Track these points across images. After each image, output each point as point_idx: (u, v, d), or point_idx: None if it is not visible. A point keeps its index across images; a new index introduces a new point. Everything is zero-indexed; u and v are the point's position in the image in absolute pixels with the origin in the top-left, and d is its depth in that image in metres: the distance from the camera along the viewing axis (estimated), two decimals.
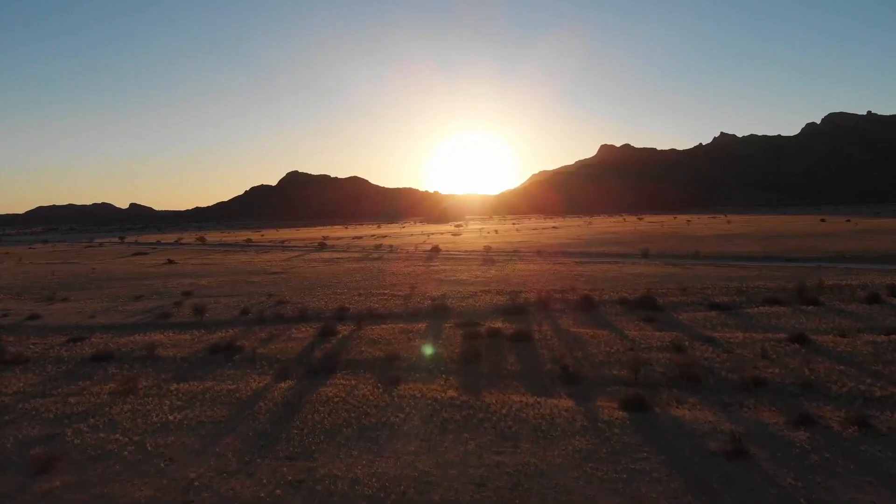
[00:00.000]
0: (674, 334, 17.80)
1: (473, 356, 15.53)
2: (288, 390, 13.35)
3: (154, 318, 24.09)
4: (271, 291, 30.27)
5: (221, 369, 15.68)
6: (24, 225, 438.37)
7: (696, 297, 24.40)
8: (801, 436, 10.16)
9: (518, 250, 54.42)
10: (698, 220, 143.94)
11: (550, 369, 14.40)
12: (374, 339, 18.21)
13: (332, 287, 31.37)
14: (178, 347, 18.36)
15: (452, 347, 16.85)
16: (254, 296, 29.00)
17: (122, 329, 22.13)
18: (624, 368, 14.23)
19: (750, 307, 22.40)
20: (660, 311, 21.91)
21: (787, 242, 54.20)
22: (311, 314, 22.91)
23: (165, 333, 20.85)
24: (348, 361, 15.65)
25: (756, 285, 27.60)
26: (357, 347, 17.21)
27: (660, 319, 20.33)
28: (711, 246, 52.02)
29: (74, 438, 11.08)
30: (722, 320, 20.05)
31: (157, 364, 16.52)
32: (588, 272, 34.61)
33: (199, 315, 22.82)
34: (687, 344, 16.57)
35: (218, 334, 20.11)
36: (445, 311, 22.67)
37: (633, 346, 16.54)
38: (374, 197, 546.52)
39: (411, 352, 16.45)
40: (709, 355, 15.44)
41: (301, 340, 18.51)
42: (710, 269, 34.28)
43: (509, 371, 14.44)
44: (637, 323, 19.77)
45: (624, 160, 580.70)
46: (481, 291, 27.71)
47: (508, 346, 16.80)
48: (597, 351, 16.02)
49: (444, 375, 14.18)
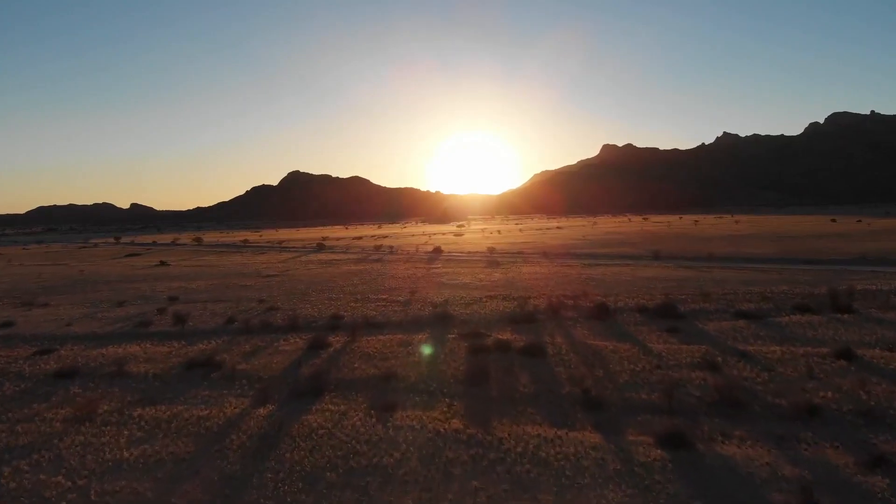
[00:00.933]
0: (703, 348, 15.99)
1: (480, 375, 13.72)
2: (267, 418, 11.55)
3: (133, 326, 22.29)
4: (263, 296, 28.48)
5: (195, 389, 13.88)
6: (25, 225, 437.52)
7: (720, 304, 22.57)
8: (880, 483, 8.37)
9: (523, 251, 52.61)
10: (705, 220, 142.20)
11: (569, 392, 12.58)
12: (368, 353, 16.39)
13: (328, 291, 29.57)
14: (151, 362, 16.56)
15: (456, 363, 15.04)
16: (243, 301, 27.21)
17: (97, 339, 20.35)
18: (654, 391, 12.43)
19: (779, 315, 20.57)
20: (682, 319, 20.09)
21: (801, 243, 52.32)
22: (303, 323, 21.10)
23: (142, 345, 19.06)
24: (339, 381, 13.85)
25: (780, 290, 25.78)
26: (349, 363, 15.40)
27: (684, 330, 18.50)
28: (723, 247, 50.17)
29: (11, 481, 9.28)
30: (752, 331, 18.22)
31: (125, 382, 14.74)
32: (599, 275, 32.78)
33: (180, 324, 21.02)
34: (720, 360, 14.75)
35: (198, 346, 18.32)
36: (448, 320, 20.85)
37: (660, 362, 14.72)
38: (376, 197, 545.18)
39: (410, 369, 14.63)
40: (747, 374, 13.63)
41: (288, 354, 16.70)
42: (728, 273, 32.44)
43: (522, 394, 12.62)
44: (660, 334, 17.95)
45: (626, 160, 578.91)
46: (486, 297, 25.89)
47: (519, 362, 14.98)
48: (620, 369, 14.19)
49: (447, 399, 12.37)
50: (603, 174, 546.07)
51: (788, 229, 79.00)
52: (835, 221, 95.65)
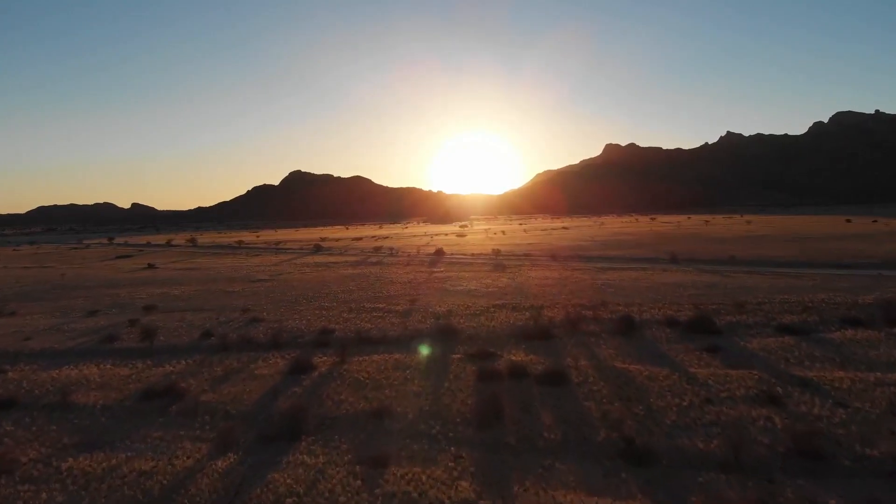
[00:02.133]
0: (755, 374, 13.49)
1: (493, 412, 11.22)
2: (225, 476, 9.08)
3: (98, 341, 19.82)
4: (248, 305, 26.00)
5: (147, 429, 11.42)
6: (26, 225, 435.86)
7: (758, 317, 20.05)
8: None
9: (529, 253, 50.02)
10: (714, 220, 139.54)
11: (606, 439, 10.08)
12: (359, 379, 13.89)
13: (320, 299, 27.08)
14: (104, 389, 14.09)
15: (463, 394, 12.55)
16: (226, 310, 24.73)
17: (54, 357, 17.90)
18: (711, 437, 9.95)
19: (829, 330, 18.08)
20: (720, 335, 17.59)
21: (823, 245, 49.71)
22: (287, 338, 18.61)
23: (102, 365, 16.61)
24: (320, 419, 11.38)
25: (820, 299, 23.26)
26: (335, 394, 12.91)
27: (725, 349, 15.99)
28: (742, 249, 47.57)
29: None
30: (805, 350, 15.70)
31: (67, 417, 12.29)
32: (615, 281, 30.24)
33: (148, 340, 18.53)
34: (780, 391, 12.26)
35: (164, 368, 15.85)
36: (452, 335, 18.36)
37: (709, 394, 12.22)
38: (378, 197, 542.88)
39: (408, 402, 12.14)
40: (819, 412, 11.14)
41: (265, 380, 14.21)
42: (757, 278, 29.89)
43: (547, 441, 10.12)
44: (699, 355, 15.44)
45: (629, 159, 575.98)
46: (494, 306, 23.38)
47: (539, 394, 12.48)
48: (663, 404, 11.69)
49: (452, 448, 9.88)
50: (605, 174, 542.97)
51: (805, 230, 76.29)
52: (850, 222, 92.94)
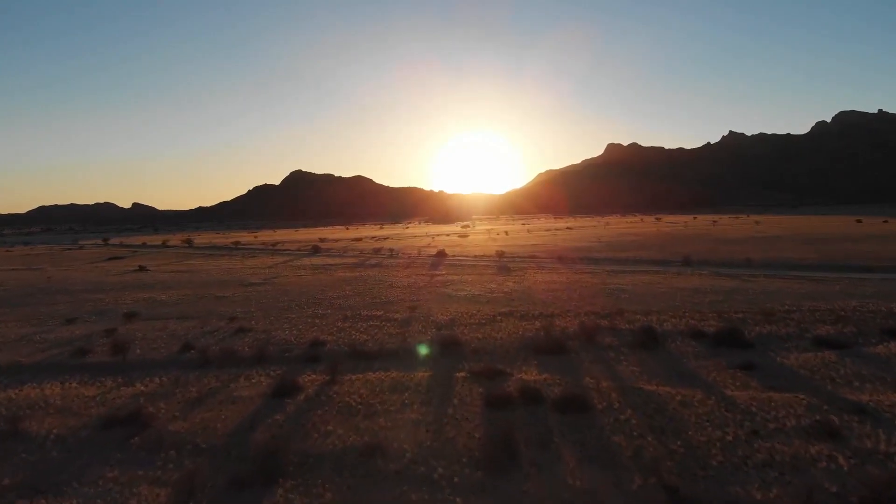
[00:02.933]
0: (801, 399, 11.78)
1: (505, 449, 9.52)
2: None
3: (69, 354, 18.16)
4: (237, 312, 24.32)
5: (101, 467, 9.74)
6: (26, 225, 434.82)
7: (789, 327, 18.36)
8: None
9: (535, 255, 48.29)
10: (721, 220, 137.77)
11: (643, 486, 8.37)
12: (350, 404, 12.19)
13: (314, 305, 25.40)
14: (63, 415, 12.42)
15: (470, 425, 10.84)
16: (213, 318, 23.06)
17: (17, 374, 16.26)
18: (769, 483, 8.25)
19: (870, 343, 16.41)
20: (753, 350, 15.90)
21: (839, 247, 47.94)
22: (274, 352, 16.93)
23: (67, 383, 14.95)
24: (303, 456, 9.68)
25: (851, 307, 21.57)
26: (322, 423, 11.21)
27: (762, 366, 14.29)
28: (755, 251, 45.80)
29: None
30: (850, 368, 14.01)
31: (14, 450, 10.62)
32: (628, 285, 28.53)
33: (120, 354, 16.84)
34: (836, 422, 10.54)
35: (134, 388, 14.17)
36: (456, 348, 16.68)
37: (754, 425, 10.50)
38: (379, 196, 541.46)
39: (405, 434, 10.44)
40: (886, 447, 9.44)
41: (244, 404, 12.52)
42: (779, 283, 28.17)
43: (574, 490, 8.40)
44: (733, 374, 13.75)
45: (631, 159, 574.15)
46: (501, 314, 21.68)
47: (558, 425, 10.77)
48: (703, 437, 9.98)
49: (458, 500, 8.18)
50: (607, 173, 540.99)
51: (817, 231, 74.42)
52: (860, 222, 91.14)
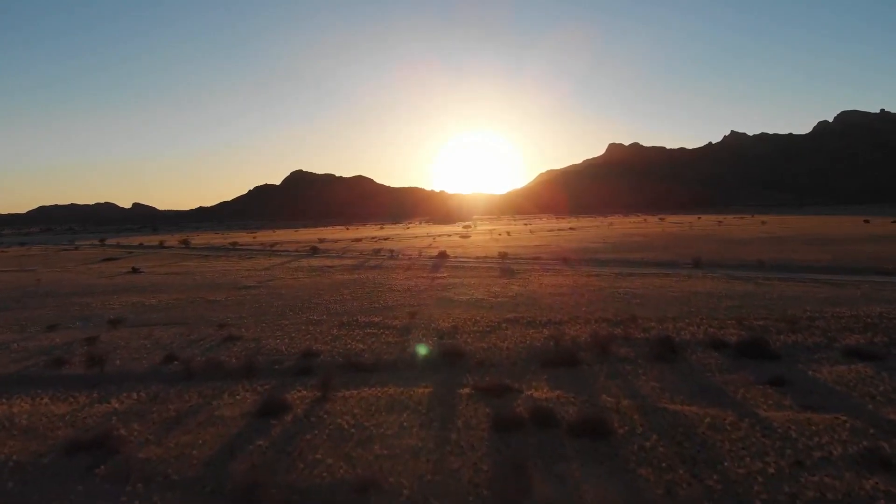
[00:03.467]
0: (843, 421, 10.56)
1: (518, 488, 8.32)
2: None
3: (44, 365, 16.95)
4: (228, 318, 23.12)
5: (60, 501, 8.55)
6: (26, 225, 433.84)
7: (816, 336, 17.13)
8: None
9: (539, 256, 47.03)
10: (726, 220, 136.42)
11: None
12: (342, 427, 10.97)
13: (309, 310, 24.20)
14: (26, 437, 11.23)
15: (476, 453, 9.62)
16: (202, 325, 21.86)
17: None
18: None
19: None
20: (780, 361, 14.69)
21: (852, 249, 46.67)
22: (263, 364, 15.73)
23: (38, 399, 13.76)
24: (286, 491, 8.49)
25: (877, 314, 20.36)
26: (310, 449, 10.00)
27: (792, 381, 13.08)
28: (765, 252, 44.54)
29: None
30: (890, 384, 12.81)
31: None
32: (638, 289, 27.30)
33: (97, 367, 15.64)
34: (887, 449, 9.34)
35: (108, 405, 12.98)
36: (459, 359, 15.47)
37: (795, 453, 9.29)
38: (380, 196, 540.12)
39: (402, 468, 9.21)
40: None
41: (225, 426, 11.30)
42: (795, 287, 26.95)
43: None
44: (763, 390, 12.54)
45: (632, 159, 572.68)
46: (506, 321, 20.46)
47: (576, 453, 9.54)
48: (742, 469, 8.76)
49: None
50: (608, 173, 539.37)
51: (825, 232, 73.07)
52: (868, 223, 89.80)
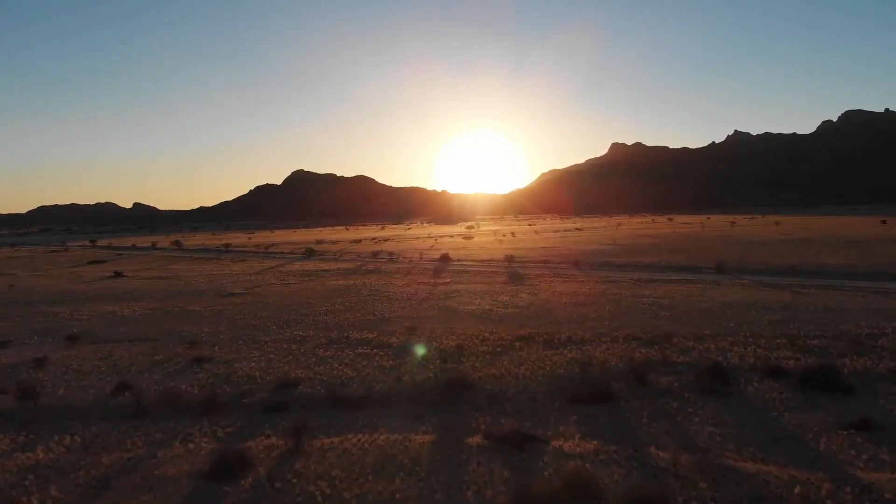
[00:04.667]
0: None
1: None
2: None
3: None
4: (202, 333, 20.47)
5: None
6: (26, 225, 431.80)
7: (886, 360, 14.43)
8: None
9: (547, 259, 44.25)
10: (738, 221, 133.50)
11: None
12: (313, 495, 8.29)
13: (295, 324, 21.55)
14: None
15: None
16: (171, 342, 19.21)
17: None
18: None
19: None
20: (853, 395, 12.01)
21: (881, 251, 43.84)
22: (229, 396, 13.07)
23: None
24: None
25: None
26: None
27: (879, 423, 10.40)
28: (788, 255, 41.77)
29: None
30: None
31: None
32: (663, 298, 24.58)
33: (29, 400, 12.99)
34: None
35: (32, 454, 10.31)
36: (466, 391, 12.81)
37: None
38: (382, 196, 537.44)
39: None
40: None
41: (164, 494, 8.62)
42: (838, 296, 24.23)
43: None
44: (850, 438, 9.88)
45: (635, 159, 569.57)
46: (519, 339, 17.78)
47: None
48: None
49: None
50: (612, 173, 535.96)
51: (844, 233, 70.05)
52: (885, 223, 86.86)
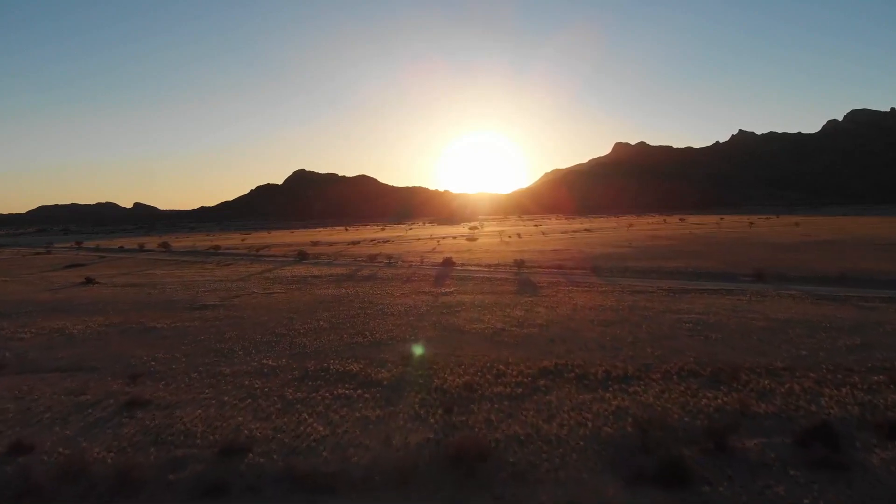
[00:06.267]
0: None
1: None
2: None
3: None
4: (151, 361, 16.71)
5: None
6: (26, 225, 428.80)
7: None
8: None
9: (561, 264, 40.31)
10: (755, 221, 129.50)
11: None
12: None
13: (266, 349, 17.77)
14: None
15: None
16: (110, 374, 15.45)
17: None
18: None
19: None
20: None
21: None
22: (149, 471, 9.30)
23: None
24: None
25: None
26: None
27: None
28: (825, 260, 37.93)
29: None
30: None
31: None
32: (707, 314, 20.70)
33: None
34: None
35: None
36: (480, 464, 9.06)
37: None
38: (383, 196, 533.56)
39: None
40: None
41: None
42: None
43: None
44: None
45: (639, 158, 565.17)
46: (544, 373, 13.98)
47: None
48: None
49: None
50: (615, 173, 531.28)
51: (872, 234, 65.96)
52: None
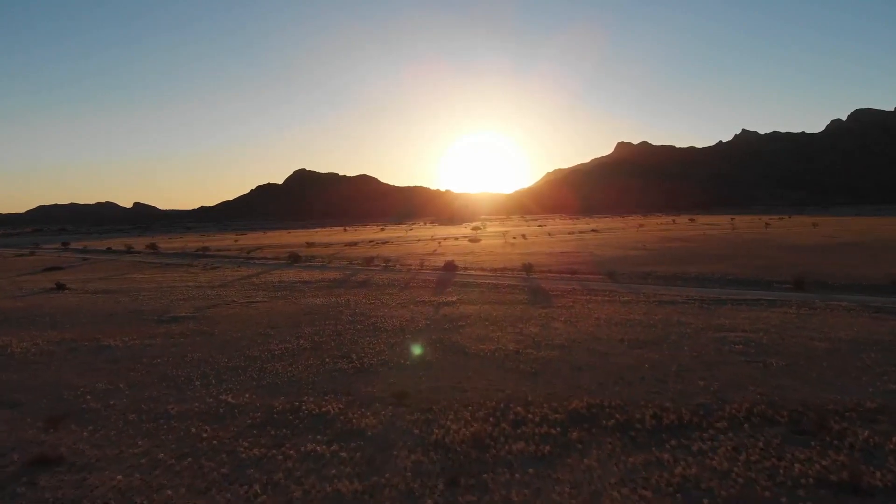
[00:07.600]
0: None
1: None
2: None
3: None
4: (88, 395, 13.60)
5: None
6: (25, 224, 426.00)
7: None
8: None
9: (573, 269, 37.07)
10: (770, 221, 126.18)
11: None
12: None
13: (230, 378, 14.62)
14: None
15: None
16: (31, 414, 12.36)
17: None
18: None
19: None
20: None
21: None
22: None
23: None
24: None
25: None
26: None
27: None
28: (862, 265, 34.69)
29: None
30: None
31: None
32: (753, 331, 17.53)
33: None
34: None
35: None
36: None
37: None
38: (384, 196, 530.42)
39: None
40: None
41: None
42: None
43: None
44: None
45: (641, 158, 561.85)
46: (576, 422, 10.86)
47: None
48: None
49: None
50: (618, 172, 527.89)
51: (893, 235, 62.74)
52: None
